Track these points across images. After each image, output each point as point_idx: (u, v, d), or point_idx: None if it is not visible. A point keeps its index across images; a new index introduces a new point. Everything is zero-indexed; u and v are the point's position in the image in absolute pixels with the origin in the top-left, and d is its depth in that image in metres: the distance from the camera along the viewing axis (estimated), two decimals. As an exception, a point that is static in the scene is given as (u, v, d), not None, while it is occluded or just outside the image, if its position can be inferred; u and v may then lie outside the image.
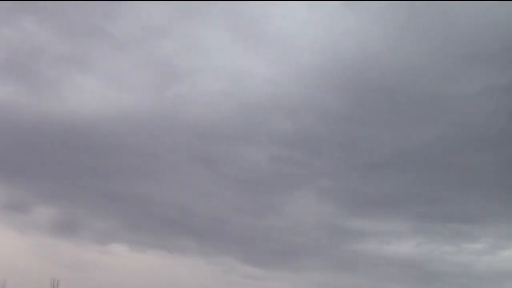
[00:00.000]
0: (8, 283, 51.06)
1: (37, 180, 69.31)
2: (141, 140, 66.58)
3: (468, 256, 71.96)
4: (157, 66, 65.56)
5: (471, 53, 52.37)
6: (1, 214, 70.08)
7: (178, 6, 58.12)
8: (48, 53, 63.46)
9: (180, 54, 63.53)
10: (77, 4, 56.91)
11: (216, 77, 65.20)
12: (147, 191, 69.66)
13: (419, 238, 72.21)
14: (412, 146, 64.58)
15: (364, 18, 54.43)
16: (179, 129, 66.43)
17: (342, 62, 56.99)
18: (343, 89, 60.98)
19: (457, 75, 56.87)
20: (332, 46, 57.59)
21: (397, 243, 73.00)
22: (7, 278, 50.95)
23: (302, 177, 69.09)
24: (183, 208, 72.70)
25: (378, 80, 58.62)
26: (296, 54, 61.48)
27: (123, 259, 71.64)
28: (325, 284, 73.43)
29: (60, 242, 72.87)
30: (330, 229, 72.47)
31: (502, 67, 52.97)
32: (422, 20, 53.14)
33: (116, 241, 73.45)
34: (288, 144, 67.09)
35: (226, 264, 74.28)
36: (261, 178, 69.10)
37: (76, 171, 68.37)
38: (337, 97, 61.76)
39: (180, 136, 66.84)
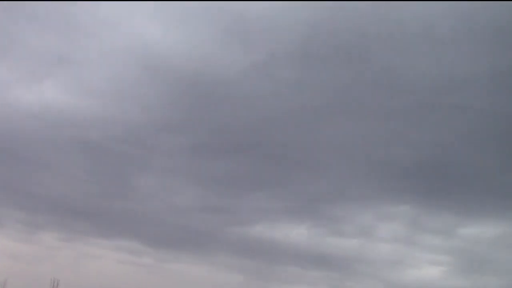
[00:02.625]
0: None
1: None
2: None
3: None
4: None
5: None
6: None
7: None
8: None
9: None
10: None
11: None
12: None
13: (308, 221, 72.09)
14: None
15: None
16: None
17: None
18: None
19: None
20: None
21: (285, 225, 73.09)
22: None
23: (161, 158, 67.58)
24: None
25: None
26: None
27: None
28: (233, 267, 72.78)
29: None
30: (208, 211, 71.53)
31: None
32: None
33: None
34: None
35: (133, 248, 72.19)
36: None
37: None
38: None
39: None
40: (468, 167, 56.92)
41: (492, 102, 45.66)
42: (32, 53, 59.44)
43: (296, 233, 72.11)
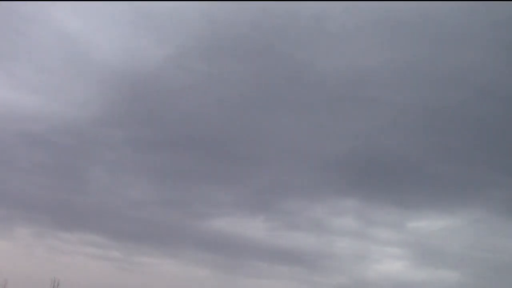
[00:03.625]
0: None
1: None
2: None
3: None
4: None
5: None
6: None
7: None
8: None
9: None
10: None
11: None
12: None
13: (262, 215, 70.33)
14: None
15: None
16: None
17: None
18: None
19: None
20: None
21: (241, 219, 71.33)
22: None
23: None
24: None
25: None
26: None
27: None
28: (199, 261, 72.25)
29: None
30: (164, 204, 70.20)
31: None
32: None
33: None
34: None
35: (99, 243, 72.44)
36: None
37: None
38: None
39: None
40: (401, 160, 54.76)
41: (400, 94, 43.05)
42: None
43: (254, 226, 71.30)
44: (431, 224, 65.12)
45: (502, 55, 38.18)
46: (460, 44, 38.24)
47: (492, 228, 62.51)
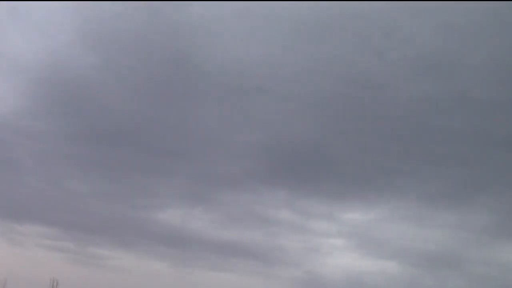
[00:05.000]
0: None
1: None
2: None
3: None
4: None
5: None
6: None
7: None
8: None
9: None
10: None
11: None
12: None
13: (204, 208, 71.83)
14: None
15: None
16: None
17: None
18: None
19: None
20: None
21: (185, 211, 72.75)
22: None
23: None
24: None
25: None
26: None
27: None
28: (152, 253, 72.35)
29: None
30: (107, 197, 70.93)
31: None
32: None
33: None
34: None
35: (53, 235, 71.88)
36: None
37: None
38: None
39: None
40: (317, 149, 58.31)
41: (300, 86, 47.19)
42: None
43: (195, 218, 72.72)
44: (362, 215, 67.51)
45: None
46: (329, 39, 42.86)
47: (418, 218, 65.44)
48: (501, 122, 48.42)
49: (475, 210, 64.22)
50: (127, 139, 62.55)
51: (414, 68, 44.49)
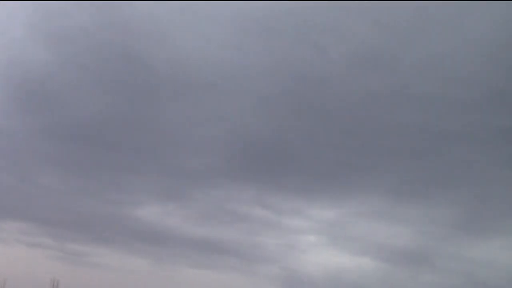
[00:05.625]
0: None
1: None
2: None
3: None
4: None
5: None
6: None
7: None
8: None
9: None
10: None
11: None
12: None
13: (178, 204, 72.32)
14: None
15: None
16: None
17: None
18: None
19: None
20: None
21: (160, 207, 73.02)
22: None
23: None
24: None
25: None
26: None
27: None
28: (132, 250, 72.85)
29: None
30: (80, 193, 71.14)
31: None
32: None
33: None
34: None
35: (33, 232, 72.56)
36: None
37: None
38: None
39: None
40: (279, 146, 59.89)
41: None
42: None
43: (171, 215, 72.91)
44: (332, 212, 68.31)
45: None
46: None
47: (387, 214, 66.43)
48: (440, 115, 50.50)
49: (439, 205, 65.84)
50: (93, 136, 63.82)
51: (355, 64, 46.53)
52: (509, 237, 64.46)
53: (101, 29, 46.25)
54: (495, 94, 48.87)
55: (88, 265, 70.44)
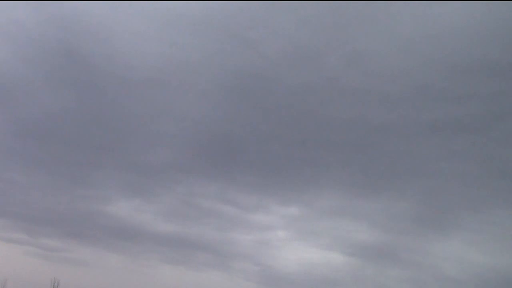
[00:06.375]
0: None
1: None
2: None
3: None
4: None
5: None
6: None
7: None
8: None
9: None
10: None
11: None
12: None
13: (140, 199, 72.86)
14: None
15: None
16: None
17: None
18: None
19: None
20: None
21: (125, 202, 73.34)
22: None
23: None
24: None
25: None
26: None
27: None
28: (114, 246, 73.86)
29: None
30: (49, 189, 72.27)
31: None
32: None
33: None
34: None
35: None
36: None
37: None
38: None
39: None
40: (242, 143, 61.88)
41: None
42: None
43: (139, 211, 72.96)
44: (293, 208, 70.26)
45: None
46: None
47: (346, 209, 68.48)
48: (371, 109, 53.46)
49: (396, 199, 67.43)
50: (49, 132, 65.10)
51: (285, 60, 49.31)
52: (469, 232, 66.24)
53: (40, 25, 48.22)
54: (419, 89, 52.10)
55: (63, 260, 71.14)
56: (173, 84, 53.10)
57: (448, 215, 67.71)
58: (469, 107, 54.10)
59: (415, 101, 53.42)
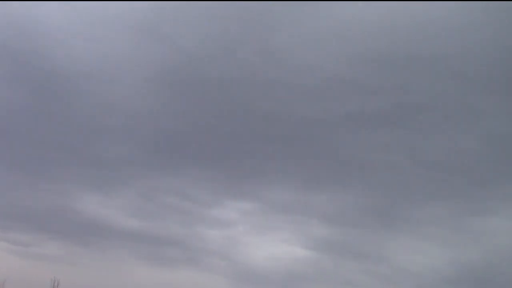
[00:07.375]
0: None
1: None
2: None
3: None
4: None
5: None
6: None
7: None
8: None
9: None
10: None
11: None
12: None
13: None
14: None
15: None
16: None
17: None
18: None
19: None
20: None
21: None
22: None
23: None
24: None
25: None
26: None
27: None
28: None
29: None
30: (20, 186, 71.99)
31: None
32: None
33: None
34: None
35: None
36: None
37: None
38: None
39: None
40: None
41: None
42: None
43: (108, 206, 73.31)
44: (248, 203, 71.23)
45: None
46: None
47: (302, 204, 70.00)
48: (292, 102, 56.12)
49: (350, 193, 68.58)
50: (5, 128, 64.50)
51: (202, 54, 52.25)
52: (418, 225, 67.21)
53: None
54: (334, 82, 54.63)
55: (33, 256, 71.35)
56: (111, 78, 56.15)
57: (394, 207, 68.83)
58: (386, 99, 56.57)
59: (334, 93, 55.87)
